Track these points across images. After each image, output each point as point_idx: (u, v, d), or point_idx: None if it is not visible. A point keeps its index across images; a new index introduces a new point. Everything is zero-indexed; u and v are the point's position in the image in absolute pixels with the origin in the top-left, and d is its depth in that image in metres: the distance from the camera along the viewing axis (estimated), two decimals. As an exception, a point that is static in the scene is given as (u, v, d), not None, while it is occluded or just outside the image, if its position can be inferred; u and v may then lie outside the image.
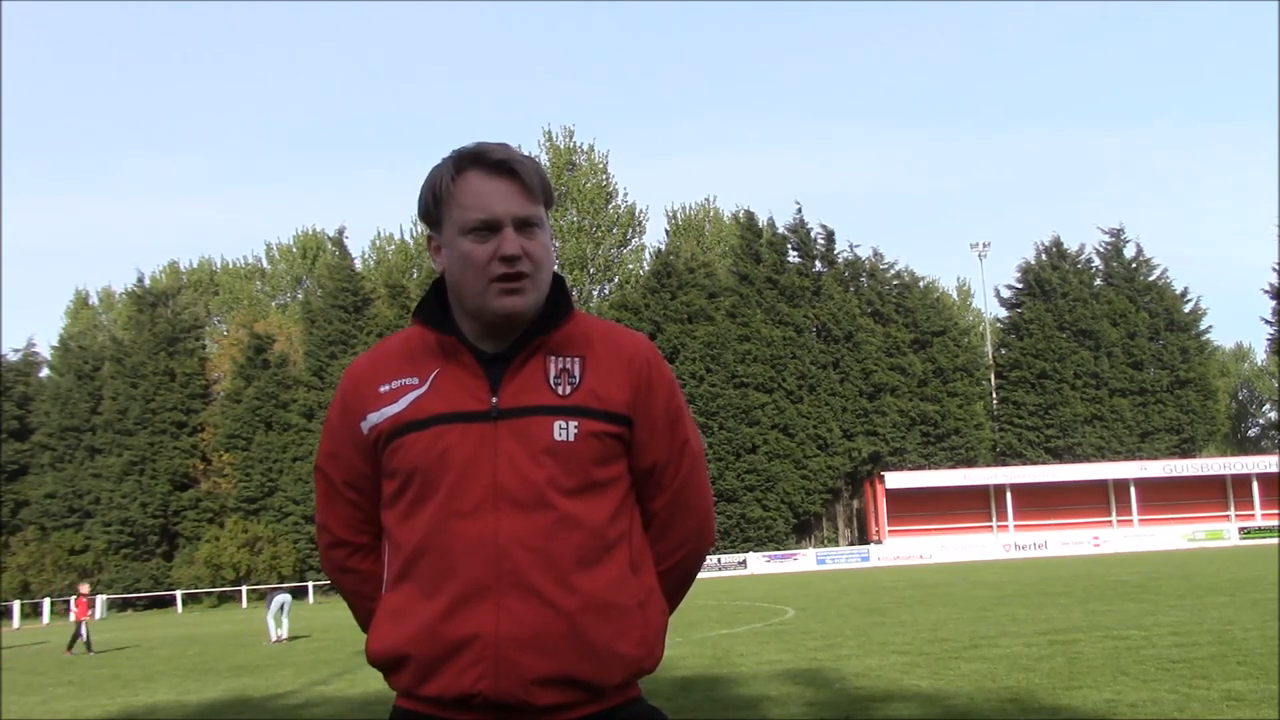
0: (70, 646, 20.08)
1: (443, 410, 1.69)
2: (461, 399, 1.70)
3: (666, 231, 60.76)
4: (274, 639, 19.85)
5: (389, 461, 1.73)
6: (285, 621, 20.30)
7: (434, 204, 1.74)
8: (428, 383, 1.72)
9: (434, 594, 1.66)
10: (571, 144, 57.78)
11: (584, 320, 1.79)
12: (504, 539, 1.64)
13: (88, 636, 20.34)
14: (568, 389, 1.71)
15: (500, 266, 1.68)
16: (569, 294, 1.78)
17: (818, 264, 53.39)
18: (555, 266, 1.79)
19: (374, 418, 1.74)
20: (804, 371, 50.43)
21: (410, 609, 1.68)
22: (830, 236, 53.51)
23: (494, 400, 1.69)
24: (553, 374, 1.72)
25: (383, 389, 1.75)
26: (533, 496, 1.65)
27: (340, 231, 55.38)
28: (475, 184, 1.70)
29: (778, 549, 48.52)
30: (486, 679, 1.61)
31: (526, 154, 1.77)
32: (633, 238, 58.58)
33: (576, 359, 1.74)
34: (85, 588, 21.99)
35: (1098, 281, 54.13)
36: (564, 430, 1.68)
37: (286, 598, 20.83)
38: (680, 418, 1.81)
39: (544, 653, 1.62)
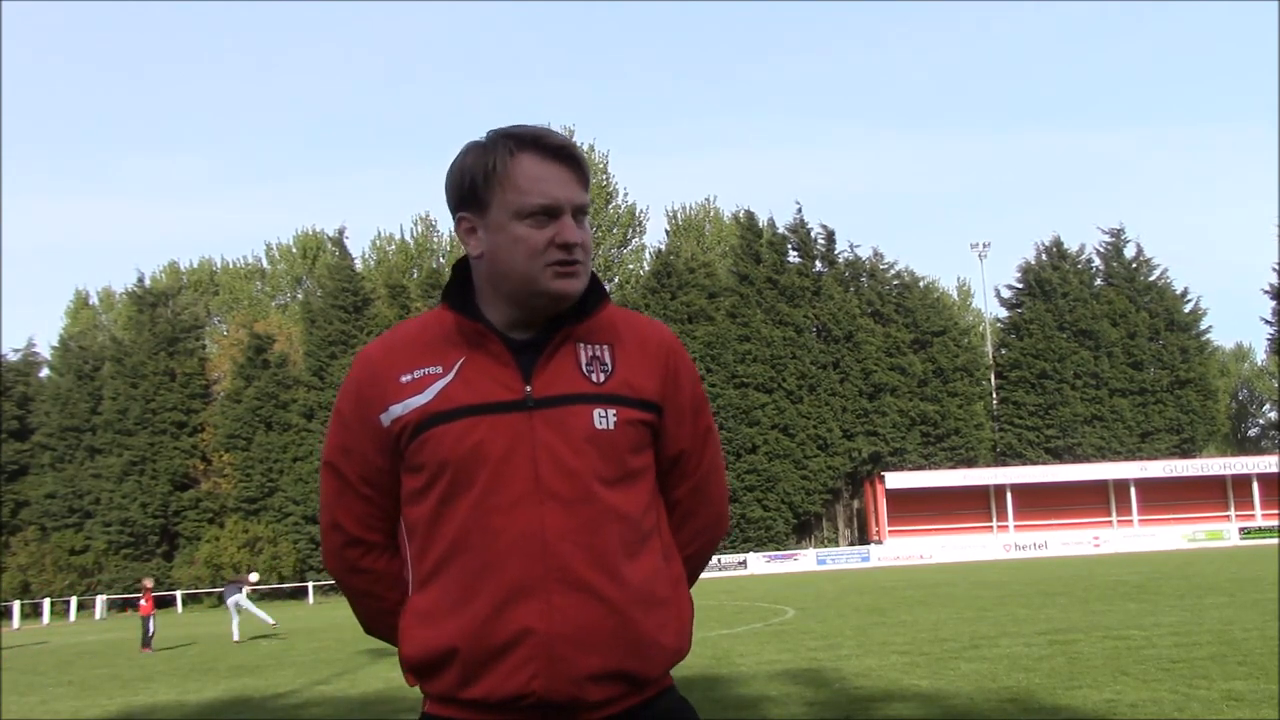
0: (145, 643, 19.93)
1: (473, 401, 1.63)
2: (491, 389, 1.64)
3: (666, 231, 60.79)
4: (237, 637, 20.83)
5: (415, 455, 1.65)
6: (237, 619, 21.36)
7: (483, 183, 1.66)
8: (453, 371, 1.66)
9: (476, 593, 1.60)
10: (571, 144, 57.78)
11: (607, 308, 1.75)
12: (550, 533, 1.59)
13: (152, 632, 20.21)
14: (601, 376, 1.67)
15: (558, 253, 1.63)
16: (601, 282, 1.74)
17: (818, 264, 53.38)
18: None
19: (397, 409, 1.66)
20: (804, 371, 50.43)
21: (449, 609, 1.62)
22: (830, 236, 53.52)
23: (528, 389, 1.64)
24: (584, 361, 1.68)
25: (404, 379, 1.67)
26: (576, 488, 1.61)
27: (340, 231, 55.38)
28: (534, 168, 1.64)
29: (778, 549, 48.52)
30: (540, 678, 1.57)
31: None
32: (633, 238, 58.66)
33: (606, 346, 1.70)
34: (149, 582, 22.09)
35: (1098, 281, 54.11)
36: (604, 418, 1.64)
37: (240, 595, 21.86)
38: (703, 405, 1.80)
39: (595, 648, 1.58)
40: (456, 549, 1.62)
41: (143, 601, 20.88)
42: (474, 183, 1.67)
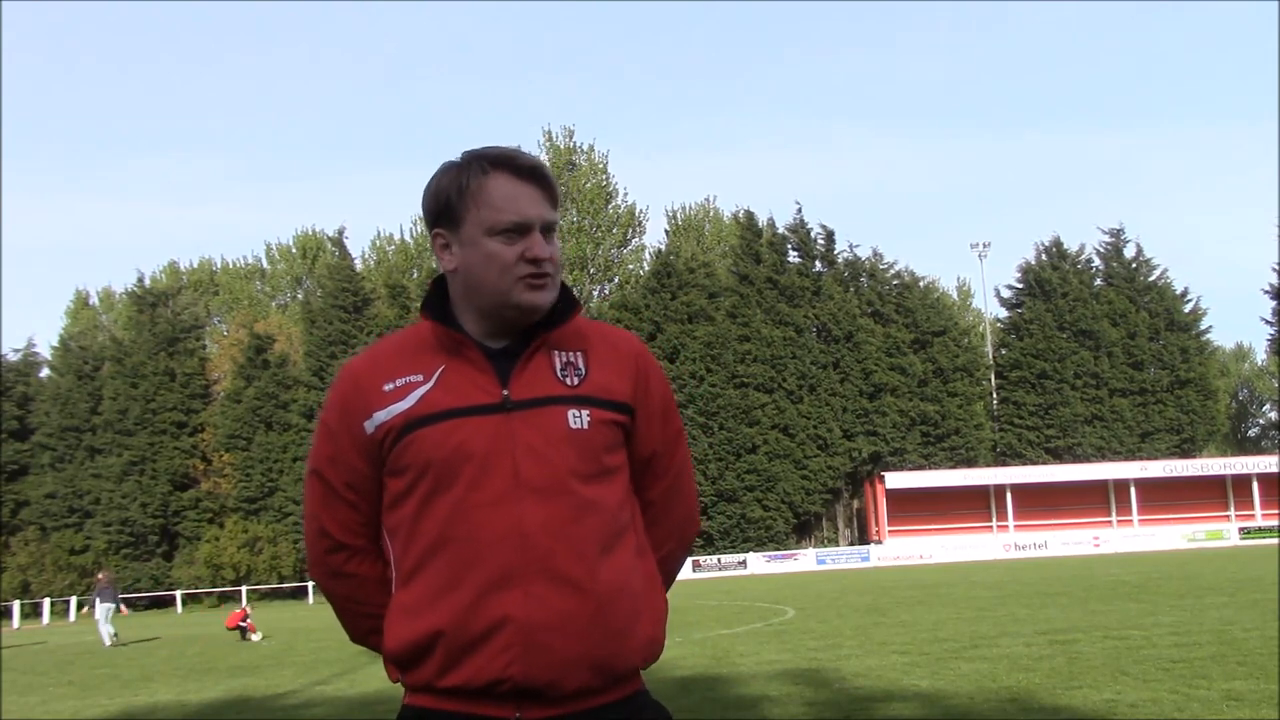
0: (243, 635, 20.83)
1: (454, 404, 1.72)
2: (471, 393, 1.73)
3: (666, 231, 60.75)
4: (108, 643, 21.82)
5: (399, 458, 1.73)
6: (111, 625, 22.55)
7: (456, 200, 1.76)
8: (434, 379, 1.75)
9: (459, 583, 1.67)
10: (571, 144, 57.77)
11: (578, 319, 1.85)
12: (529, 526, 1.67)
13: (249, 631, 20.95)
14: (575, 380, 1.76)
15: (527, 267, 1.73)
16: (572, 293, 1.83)
17: (818, 264, 53.37)
18: None
19: (381, 416, 1.74)
20: (804, 371, 50.42)
21: (432, 599, 1.70)
22: (830, 236, 53.51)
23: (505, 392, 1.72)
24: (558, 367, 1.77)
25: (387, 387, 1.76)
26: (555, 484, 1.69)
27: (340, 231, 55.44)
28: (506, 186, 1.74)
29: (778, 549, 48.51)
30: (518, 663, 1.64)
31: None
32: (633, 238, 58.57)
33: (579, 353, 1.80)
34: (249, 607, 23.03)
35: (1098, 281, 54.10)
36: (578, 418, 1.73)
37: (111, 605, 23.00)
38: (673, 408, 1.90)
39: (573, 636, 1.65)
40: (440, 543, 1.70)
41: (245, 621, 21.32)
42: (449, 200, 1.77)
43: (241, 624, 20.95)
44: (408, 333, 1.84)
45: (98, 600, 23.19)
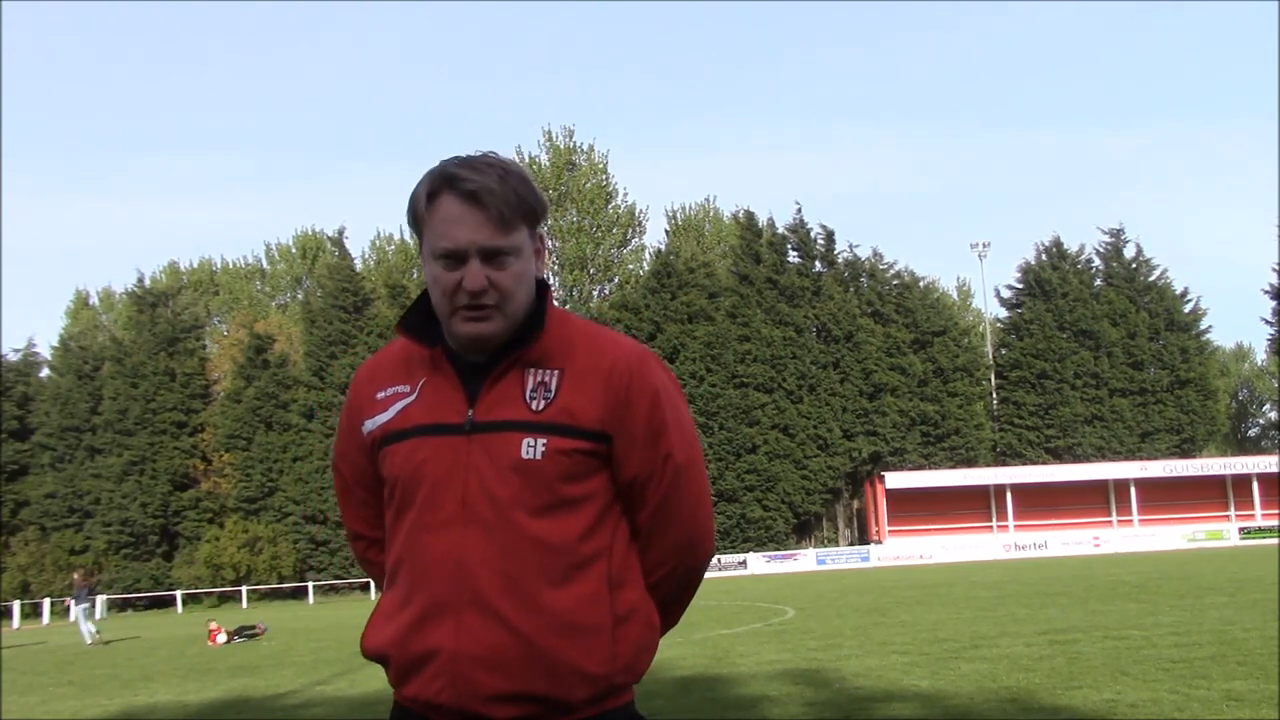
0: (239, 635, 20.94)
1: (424, 422, 1.72)
2: (442, 411, 1.71)
3: (666, 231, 60.75)
4: (89, 641, 22.34)
5: (381, 468, 1.78)
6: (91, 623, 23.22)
7: (413, 221, 1.74)
8: (416, 392, 1.75)
9: (407, 604, 1.71)
10: (571, 144, 57.76)
11: (570, 327, 1.76)
12: (467, 556, 1.65)
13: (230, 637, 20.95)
14: (542, 404, 1.68)
15: (464, 297, 1.66)
16: (545, 306, 1.75)
17: (818, 264, 53.37)
18: (549, 271, 1.78)
19: (369, 424, 1.79)
20: (804, 371, 50.42)
21: (391, 614, 1.74)
22: (830, 237, 53.51)
23: (470, 414, 1.69)
24: (529, 388, 1.70)
25: (379, 395, 1.79)
26: (497, 514, 1.66)
27: (340, 231, 55.48)
28: (447, 210, 1.67)
29: (778, 549, 48.51)
30: (446, 692, 1.66)
31: (510, 170, 1.70)
32: (633, 238, 58.58)
33: (555, 372, 1.71)
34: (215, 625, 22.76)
35: (1098, 281, 54.10)
36: (531, 448, 1.66)
37: (91, 601, 23.90)
38: (663, 430, 1.73)
39: (499, 671, 1.63)
40: (402, 560, 1.74)
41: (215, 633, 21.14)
42: (415, 214, 1.73)
43: (231, 635, 20.83)
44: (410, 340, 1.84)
45: (74, 601, 23.96)
